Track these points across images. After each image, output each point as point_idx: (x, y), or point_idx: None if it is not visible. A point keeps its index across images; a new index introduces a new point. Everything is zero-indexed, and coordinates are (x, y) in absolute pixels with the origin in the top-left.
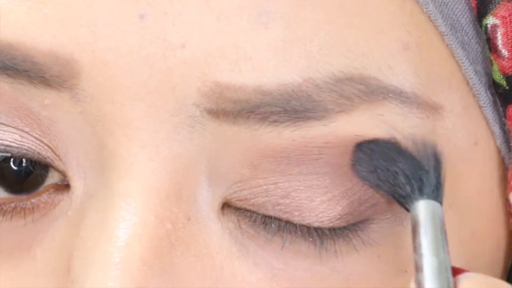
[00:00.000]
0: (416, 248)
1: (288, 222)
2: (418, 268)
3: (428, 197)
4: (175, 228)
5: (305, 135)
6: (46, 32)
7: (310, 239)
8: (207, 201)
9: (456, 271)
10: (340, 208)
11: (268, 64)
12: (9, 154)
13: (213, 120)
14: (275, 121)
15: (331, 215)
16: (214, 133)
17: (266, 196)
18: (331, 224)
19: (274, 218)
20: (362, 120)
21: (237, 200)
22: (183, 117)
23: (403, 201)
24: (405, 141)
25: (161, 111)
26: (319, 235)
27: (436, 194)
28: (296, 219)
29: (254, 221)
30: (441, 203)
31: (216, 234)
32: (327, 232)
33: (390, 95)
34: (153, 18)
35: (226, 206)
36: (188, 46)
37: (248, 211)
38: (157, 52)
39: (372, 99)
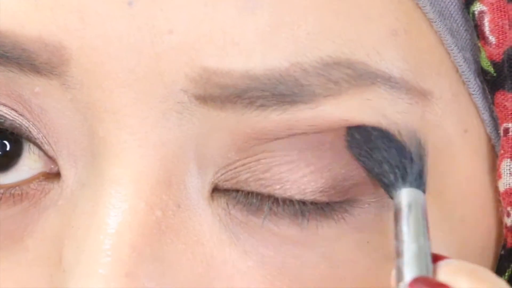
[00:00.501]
0: (397, 234)
1: (270, 196)
2: (398, 254)
3: (411, 185)
4: (165, 215)
5: (291, 118)
6: (36, 20)
7: (293, 216)
8: (196, 188)
9: (436, 258)
10: (323, 181)
11: (255, 49)
12: (2, 120)
13: (201, 106)
14: (262, 105)
15: (313, 187)
16: (201, 119)
17: (248, 172)
18: (313, 197)
19: (256, 193)
20: (349, 104)
21: (224, 181)
22: (172, 103)
23: (387, 189)
24: (391, 128)
25: (150, 98)
26: (302, 211)
27: (419, 182)
28: (277, 192)
29: (238, 201)
30: (423, 191)
31: (207, 221)
32: (312, 210)
33: (379, 80)
34: (141, 4)
35: (215, 190)
36: (175, 32)
37: (234, 191)
38: (145, 38)
39: (360, 83)
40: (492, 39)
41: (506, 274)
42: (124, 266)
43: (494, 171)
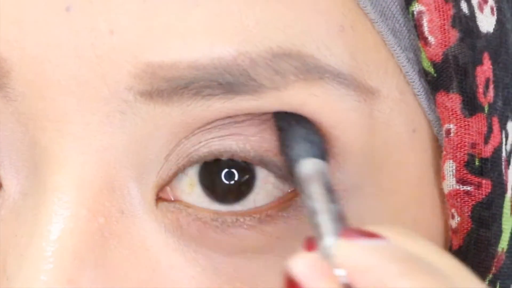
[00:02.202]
0: (308, 197)
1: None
2: (314, 213)
3: (314, 157)
4: (108, 222)
5: (233, 107)
6: None
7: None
8: (140, 194)
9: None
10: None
11: (201, 39)
12: None
13: (146, 103)
14: (208, 95)
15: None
16: (145, 118)
17: (186, 157)
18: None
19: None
20: (294, 99)
21: (168, 175)
22: (115, 104)
23: (292, 162)
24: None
25: (93, 102)
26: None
27: (320, 153)
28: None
29: (189, 214)
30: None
31: (151, 226)
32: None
33: (327, 75)
34: (79, 8)
35: (161, 201)
36: (116, 32)
37: (185, 206)
38: (85, 42)
39: (307, 77)
40: (431, 39)
41: None
42: (66, 272)
43: (441, 172)
